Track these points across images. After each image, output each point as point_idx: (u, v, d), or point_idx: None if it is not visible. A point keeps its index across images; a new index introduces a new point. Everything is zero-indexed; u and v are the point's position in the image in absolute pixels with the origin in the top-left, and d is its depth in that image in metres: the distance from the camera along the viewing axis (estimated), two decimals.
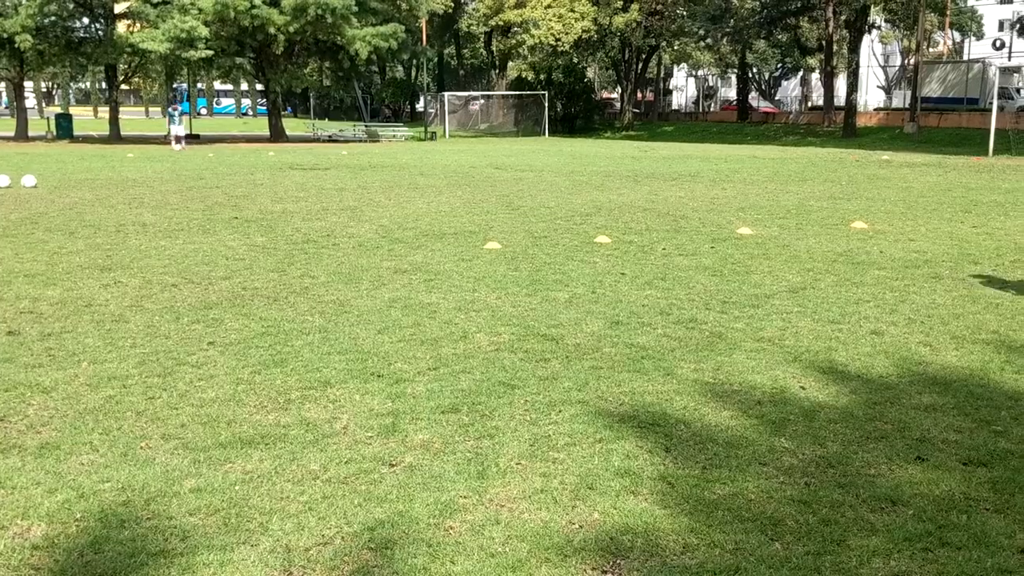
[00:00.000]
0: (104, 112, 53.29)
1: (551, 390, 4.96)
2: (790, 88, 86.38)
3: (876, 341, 5.99)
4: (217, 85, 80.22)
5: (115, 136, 39.20)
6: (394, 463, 3.96)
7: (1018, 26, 45.31)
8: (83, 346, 5.77)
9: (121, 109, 43.54)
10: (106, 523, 3.36)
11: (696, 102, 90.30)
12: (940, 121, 40.84)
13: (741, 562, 3.12)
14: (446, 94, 53.91)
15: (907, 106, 44.09)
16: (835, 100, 45.30)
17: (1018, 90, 43.88)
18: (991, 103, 40.74)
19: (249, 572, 3.05)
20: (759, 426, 4.44)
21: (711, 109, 76.31)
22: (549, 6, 48.15)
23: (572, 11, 47.67)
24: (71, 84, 77.83)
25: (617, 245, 10.09)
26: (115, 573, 3.01)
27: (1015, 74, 45.74)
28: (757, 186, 17.35)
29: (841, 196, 15.33)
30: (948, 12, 57.82)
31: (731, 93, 77.80)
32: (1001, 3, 65.42)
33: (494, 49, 58.74)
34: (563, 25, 47.39)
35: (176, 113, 35.36)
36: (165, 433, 4.28)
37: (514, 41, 50.85)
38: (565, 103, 53.59)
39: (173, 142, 33.21)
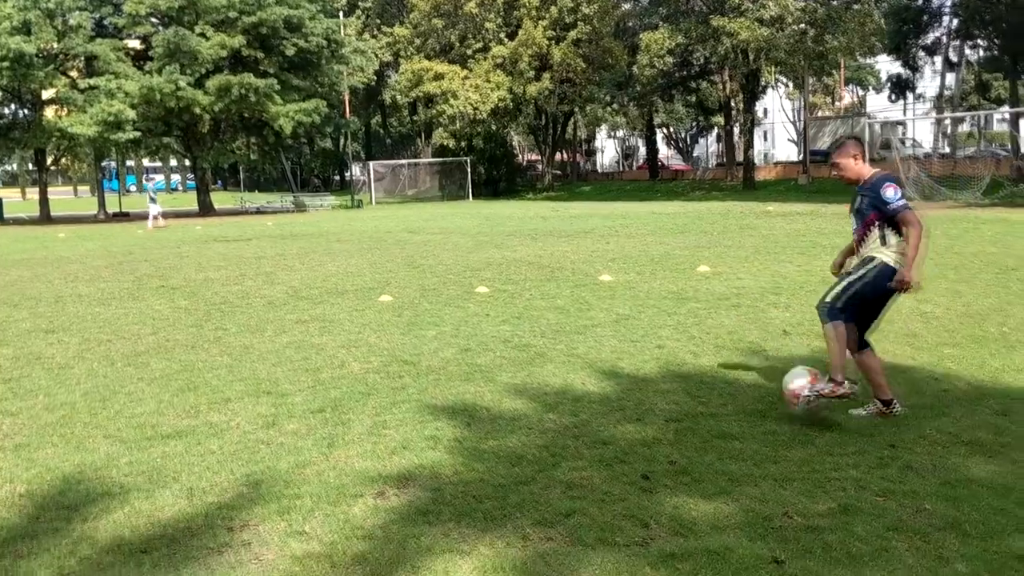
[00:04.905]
0: (32, 193, 54.03)
1: (398, 396, 6.69)
2: (707, 145, 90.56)
3: (657, 352, 7.86)
4: (146, 162, 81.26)
5: (46, 217, 40.23)
6: (270, 443, 5.63)
7: (890, 84, 49.13)
8: (38, 386, 7.34)
9: (49, 189, 44.55)
10: (68, 482, 4.98)
11: (618, 162, 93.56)
12: (832, 172, 44.05)
13: (485, 476, 4.88)
14: (371, 163, 56.01)
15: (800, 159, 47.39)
16: (741, 156, 48.41)
17: (902, 141, 47.53)
18: (879, 154, 44.16)
19: (164, 503, 4.69)
20: (540, 408, 6.22)
21: (632, 168, 79.64)
22: (466, 78, 50.79)
23: (488, 82, 50.36)
24: None
25: (492, 294, 11.90)
26: (79, 506, 4.64)
27: (899, 126, 49.54)
28: (638, 239, 19.45)
29: (704, 245, 17.46)
30: (842, 70, 62.11)
31: None
32: (894, 60, 70.28)
33: (418, 118, 61.17)
34: (480, 95, 50.00)
35: (151, 190, 34.22)
36: (106, 434, 5.90)
37: (435, 111, 53.27)
38: (487, 167, 56.03)
39: (151, 221, 31.69)
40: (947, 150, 48.50)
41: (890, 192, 5.56)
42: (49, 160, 42.86)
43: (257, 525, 4.33)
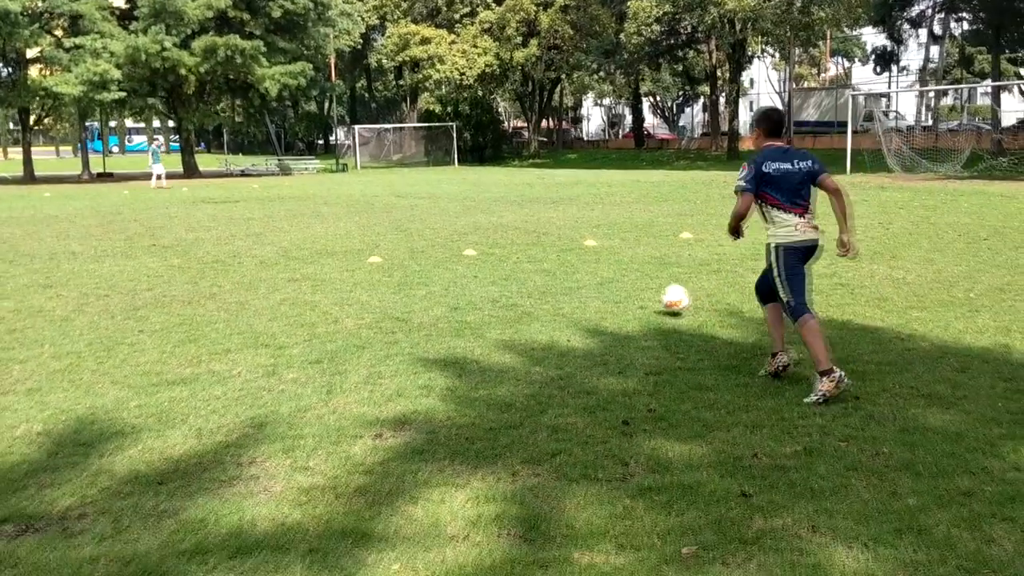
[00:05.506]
0: (14, 153, 53.65)
1: (391, 349, 7.00)
2: (692, 114, 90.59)
3: (638, 312, 8.20)
4: (129, 123, 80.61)
5: (29, 176, 40.05)
6: (271, 390, 5.94)
7: (873, 56, 49.39)
8: (42, 336, 7.61)
9: (32, 149, 44.26)
10: (82, 422, 5.28)
11: (604, 130, 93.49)
12: (814, 143, 44.45)
13: (476, 420, 5.21)
14: (356, 127, 55.80)
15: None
16: (727, 126, 48.58)
17: (885, 113, 47.89)
18: (862, 126, 44.52)
19: (175, 442, 4.99)
20: (527, 362, 6.55)
21: (618, 136, 79.65)
22: (453, 42, 50.65)
23: (475, 47, 50.24)
24: None
25: (480, 256, 12.19)
26: (94, 443, 4.94)
27: (882, 98, 49.87)
28: (622, 207, 19.74)
29: (687, 213, 17.78)
30: (828, 42, 62.24)
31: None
32: (879, 32, 70.43)
33: (404, 82, 60.93)
34: (467, 60, 49.89)
35: (157, 149, 34.95)
36: (114, 381, 6.19)
37: (421, 76, 53.11)
38: (473, 134, 55.94)
39: (154, 179, 32.78)
40: (930, 123, 48.92)
41: (740, 172, 5.71)
42: (32, 119, 42.57)
43: (264, 461, 4.65)
